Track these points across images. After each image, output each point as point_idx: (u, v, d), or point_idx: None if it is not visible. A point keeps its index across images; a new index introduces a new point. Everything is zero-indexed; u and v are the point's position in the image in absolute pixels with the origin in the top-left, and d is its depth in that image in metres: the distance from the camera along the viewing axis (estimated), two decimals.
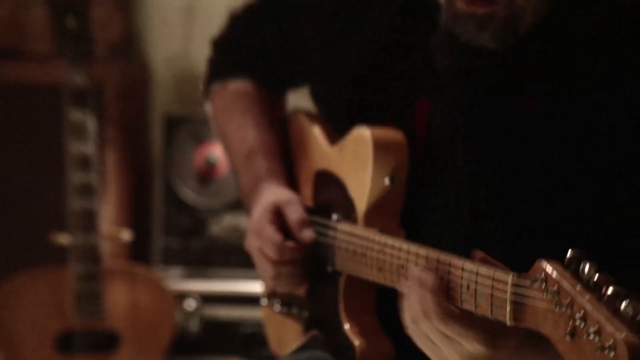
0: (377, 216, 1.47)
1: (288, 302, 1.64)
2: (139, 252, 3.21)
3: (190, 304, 3.04)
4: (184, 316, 3.02)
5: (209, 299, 3.05)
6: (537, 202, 1.37)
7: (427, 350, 1.30)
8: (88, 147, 2.80)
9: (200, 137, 3.12)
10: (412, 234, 1.44)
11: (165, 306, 2.90)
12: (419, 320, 1.27)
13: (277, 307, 1.64)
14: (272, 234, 1.55)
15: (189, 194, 3.16)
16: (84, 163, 2.79)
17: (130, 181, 3.22)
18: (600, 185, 1.35)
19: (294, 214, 1.56)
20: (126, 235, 3.05)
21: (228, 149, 1.74)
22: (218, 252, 3.10)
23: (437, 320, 1.24)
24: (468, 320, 1.23)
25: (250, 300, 2.97)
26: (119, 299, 2.86)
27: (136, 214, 3.24)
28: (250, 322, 2.94)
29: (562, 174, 1.37)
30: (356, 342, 1.46)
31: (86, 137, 2.80)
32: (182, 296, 3.02)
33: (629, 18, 1.39)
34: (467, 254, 1.27)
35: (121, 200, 3.18)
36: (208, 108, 1.78)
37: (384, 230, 1.44)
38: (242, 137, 1.69)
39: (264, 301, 1.68)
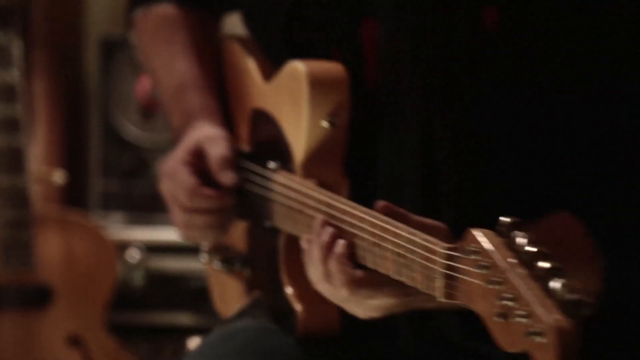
0: (316, 165, 1.41)
1: (229, 259, 1.59)
2: (74, 196, 3.14)
3: (133, 255, 2.99)
4: (126, 268, 2.97)
5: (154, 248, 3.01)
6: (496, 147, 1.34)
7: (334, 300, 1.31)
8: (12, 75, 2.72)
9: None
10: (359, 184, 1.40)
11: (104, 257, 2.83)
12: (323, 280, 1.28)
13: (217, 264, 1.59)
14: (186, 177, 1.49)
15: (130, 129, 3.11)
16: (8, 93, 2.72)
17: (62, 115, 3.17)
18: (565, 117, 1.33)
19: (216, 150, 1.50)
20: (59, 177, 2.94)
21: (157, 83, 1.70)
22: None
23: (342, 287, 1.25)
24: (375, 282, 1.24)
25: (200, 251, 2.89)
26: (52, 249, 2.78)
27: (70, 152, 3.18)
28: (199, 275, 2.85)
29: (523, 102, 1.33)
30: (298, 307, 1.42)
31: (9, 62, 2.72)
32: (123, 246, 2.97)
33: None
34: (418, 206, 1.29)
35: (52, 136, 3.13)
36: (133, 37, 1.75)
37: (325, 180, 1.39)
38: (171, 70, 1.64)
39: (204, 257, 1.63)
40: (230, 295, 1.66)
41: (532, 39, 1.33)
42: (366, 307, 1.27)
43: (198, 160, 1.51)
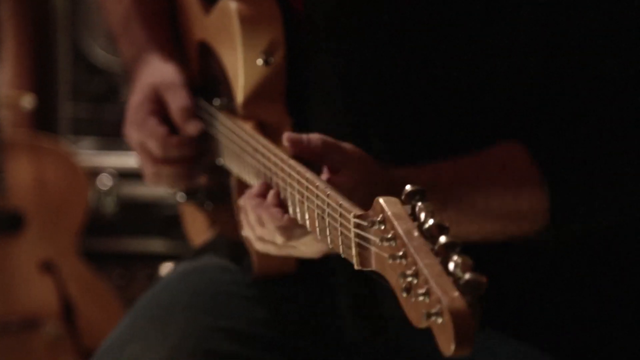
0: (256, 104, 1.38)
1: (192, 192, 1.57)
2: (43, 121, 3.12)
3: (105, 182, 2.99)
4: (98, 195, 2.98)
5: (125, 174, 2.99)
6: (424, 85, 1.32)
7: (283, 253, 1.28)
8: None
9: None
10: (302, 121, 1.37)
11: (75, 183, 2.83)
12: (258, 229, 1.25)
13: (181, 195, 1.58)
14: (155, 127, 1.47)
15: (99, 53, 3.09)
16: None
17: (30, 38, 3.12)
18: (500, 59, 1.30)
19: (176, 101, 1.47)
20: (28, 101, 2.93)
21: (107, 14, 1.66)
22: None
23: (276, 234, 1.22)
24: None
25: None
26: (22, 175, 2.78)
27: (39, 76, 3.15)
28: (172, 202, 2.82)
29: (459, 28, 1.31)
30: (253, 248, 1.37)
31: None
32: (95, 172, 2.97)
33: None
34: (348, 136, 1.25)
35: (20, 60, 3.09)
36: None
37: (265, 120, 1.37)
38: (118, 0, 1.62)
39: (168, 191, 1.63)
40: (199, 226, 1.65)
41: None
42: (311, 246, 1.25)
43: (161, 108, 1.49)
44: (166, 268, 2.94)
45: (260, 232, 1.24)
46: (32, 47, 3.12)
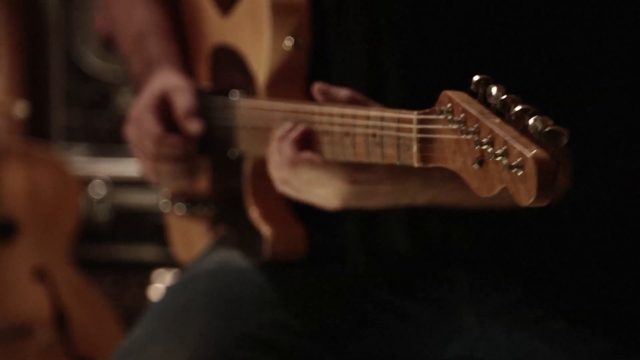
0: (280, 85, 1.45)
1: (191, 202, 1.63)
2: (36, 128, 3.14)
3: (98, 189, 3.02)
4: (90, 202, 3.00)
5: (118, 182, 3.02)
6: (441, 47, 1.39)
7: (300, 198, 1.35)
8: None
9: None
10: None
11: (68, 190, 2.85)
12: (281, 169, 1.32)
13: (181, 207, 1.63)
14: (152, 124, 1.53)
15: (92, 61, 3.11)
16: None
17: (22, 45, 3.12)
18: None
19: (182, 102, 1.53)
20: (20, 108, 2.96)
21: (118, 32, 1.71)
22: None
23: (288, 170, 1.29)
24: (322, 167, 1.29)
25: None
26: (14, 183, 2.80)
27: (31, 84, 3.15)
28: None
29: (466, 15, 1.37)
30: (265, 229, 1.45)
31: None
32: (87, 180, 2.99)
33: None
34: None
35: (13, 67, 3.09)
36: None
37: (289, 100, 1.42)
38: (131, 18, 1.67)
39: (165, 205, 1.67)
40: (193, 240, 1.69)
41: None
42: (325, 193, 1.31)
43: (164, 108, 1.54)
44: (159, 275, 2.98)
45: (278, 174, 1.31)
46: (25, 54, 3.12)
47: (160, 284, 2.95)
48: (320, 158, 1.29)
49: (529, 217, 1.39)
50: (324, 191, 1.31)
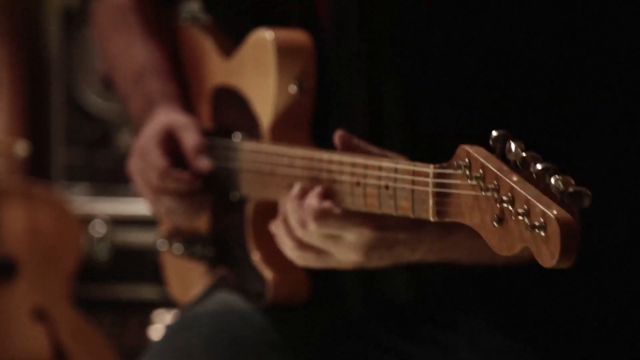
0: (284, 129, 1.45)
1: (189, 242, 1.62)
2: (37, 167, 3.14)
3: (98, 228, 3.02)
4: (91, 241, 3.00)
5: (119, 221, 3.02)
6: (443, 94, 1.39)
7: (317, 263, 1.34)
8: None
9: None
10: (325, 147, 1.41)
11: (68, 230, 2.86)
12: (297, 232, 1.30)
13: (178, 247, 1.62)
14: (157, 158, 1.54)
15: (93, 100, 3.11)
16: None
17: (24, 84, 3.14)
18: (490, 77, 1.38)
19: (190, 139, 1.54)
20: (22, 148, 2.96)
21: (115, 71, 1.72)
22: None
23: (314, 222, 1.27)
24: (347, 215, 1.28)
25: None
26: (15, 222, 2.81)
27: (33, 123, 3.17)
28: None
29: (468, 62, 1.39)
30: (267, 274, 1.45)
31: None
32: (88, 219, 2.99)
33: None
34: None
35: (14, 106, 3.11)
36: (89, 29, 1.76)
37: (293, 144, 1.42)
38: (129, 57, 1.67)
39: (162, 244, 1.66)
40: (190, 281, 1.68)
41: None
42: (346, 248, 1.29)
43: (169, 143, 1.54)
44: (159, 315, 2.97)
45: (300, 234, 1.30)
46: (26, 93, 3.13)
47: (160, 324, 2.94)
48: (341, 208, 1.27)
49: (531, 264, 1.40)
50: (345, 243, 1.30)
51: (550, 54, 1.37)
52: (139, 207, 2.97)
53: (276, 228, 1.35)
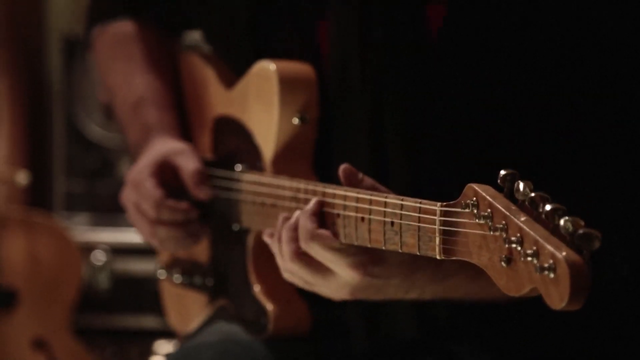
0: (286, 161, 1.45)
1: (189, 272, 1.61)
2: (37, 196, 3.16)
3: (99, 257, 3.01)
4: (91, 271, 3.00)
5: (119, 250, 3.02)
6: (444, 131, 1.39)
7: (308, 287, 1.34)
8: None
9: None
10: (326, 180, 1.41)
11: (69, 259, 2.86)
12: (289, 262, 1.30)
13: (178, 277, 1.62)
14: (152, 189, 1.53)
15: (94, 129, 3.12)
16: None
17: (25, 114, 3.16)
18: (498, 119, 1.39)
19: (189, 165, 1.54)
20: (22, 177, 2.97)
21: (114, 100, 1.71)
22: None
23: (305, 244, 1.27)
24: (335, 250, 1.27)
25: None
26: (15, 251, 2.82)
27: (33, 152, 3.18)
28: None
29: (470, 98, 1.39)
30: (269, 306, 1.45)
31: None
32: (88, 248, 2.99)
33: None
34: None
35: (15, 136, 3.12)
36: (90, 57, 1.77)
37: (294, 177, 1.41)
38: (129, 87, 1.68)
39: (161, 273, 1.66)
40: (189, 311, 1.68)
41: (477, 38, 1.38)
42: (334, 285, 1.29)
43: (163, 173, 1.53)
44: (160, 346, 2.96)
45: (289, 266, 1.30)
46: (27, 122, 3.15)
47: (161, 355, 2.93)
48: (337, 240, 1.27)
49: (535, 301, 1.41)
50: (334, 279, 1.30)
51: (552, 95, 1.37)
52: (138, 236, 2.94)
53: (272, 243, 1.35)
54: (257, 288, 1.46)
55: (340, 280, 1.30)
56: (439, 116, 1.39)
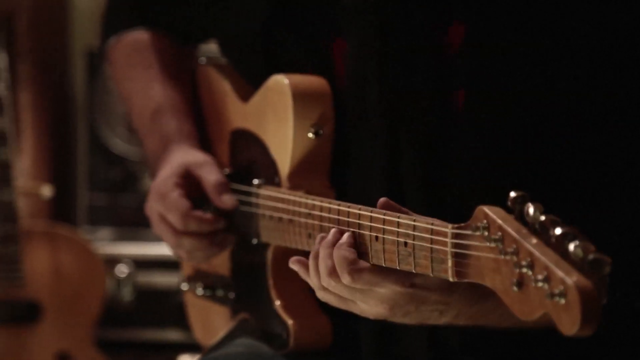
0: (302, 176, 1.45)
1: (212, 285, 1.62)
2: (61, 210, 3.17)
3: (122, 270, 3.02)
4: (115, 283, 3.00)
5: (142, 263, 3.02)
6: (461, 148, 1.39)
7: (340, 306, 1.32)
8: None
9: None
10: (343, 194, 1.43)
11: (93, 272, 2.87)
12: (326, 279, 1.29)
13: (200, 290, 1.62)
14: (178, 200, 1.53)
15: (117, 143, 3.13)
16: None
17: (49, 128, 3.16)
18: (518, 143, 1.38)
19: (211, 176, 1.54)
20: (46, 191, 2.98)
21: (132, 109, 1.72)
22: None
23: (349, 277, 1.26)
24: (379, 272, 1.26)
25: None
26: (39, 264, 2.81)
27: (57, 166, 3.19)
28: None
29: (486, 119, 1.38)
30: (289, 320, 1.45)
31: None
32: (112, 261, 2.99)
33: None
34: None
35: (39, 150, 3.13)
36: (107, 68, 1.76)
37: (311, 192, 1.42)
38: (147, 95, 1.68)
39: (184, 285, 1.66)
40: (213, 323, 1.68)
41: (497, 57, 1.37)
42: (373, 300, 1.28)
43: (188, 183, 1.54)
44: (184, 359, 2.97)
45: (326, 283, 1.28)
46: (50, 136, 3.15)
47: None
48: (369, 265, 1.26)
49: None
50: (373, 294, 1.28)
51: (571, 113, 1.37)
52: (162, 249, 2.90)
53: (299, 266, 1.34)
54: (277, 302, 1.47)
55: (380, 295, 1.28)
56: (457, 134, 1.38)
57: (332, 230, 1.30)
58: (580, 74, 1.36)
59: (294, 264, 1.34)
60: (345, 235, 1.28)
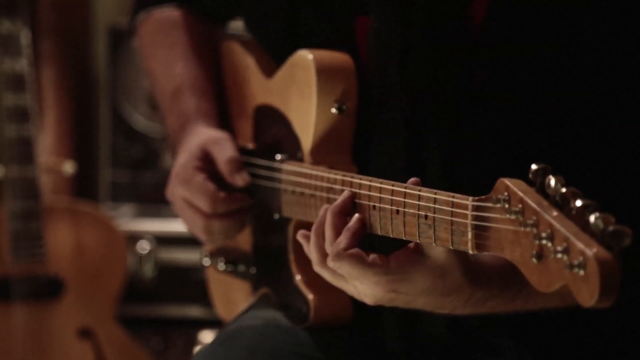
0: (325, 152, 1.46)
1: (233, 260, 1.63)
2: (83, 187, 3.18)
3: (144, 246, 3.03)
4: (136, 260, 3.01)
5: (164, 240, 3.03)
6: (483, 124, 1.40)
7: (334, 283, 1.34)
8: (21, 64, 2.75)
9: None
10: (365, 170, 1.43)
11: (115, 249, 2.88)
12: (327, 248, 1.30)
13: (222, 265, 1.63)
14: (203, 183, 1.54)
15: (139, 120, 3.13)
16: (17, 83, 2.75)
17: (71, 105, 3.17)
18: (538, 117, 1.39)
19: (223, 153, 1.56)
20: (69, 167, 2.99)
21: (155, 86, 1.73)
22: None
23: (338, 260, 1.27)
24: (360, 266, 1.26)
25: None
26: (62, 241, 2.83)
27: (79, 143, 3.20)
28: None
29: (508, 96, 1.39)
30: (309, 295, 1.46)
31: (18, 52, 2.75)
32: (134, 237, 3.00)
33: None
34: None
35: (62, 127, 3.14)
36: (135, 42, 1.78)
37: (334, 167, 1.42)
38: (170, 73, 1.70)
39: (206, 261, 1.67)
40: (234, 299, 1.71)
41: (519, 33, 1.39)
42: (367, 287, 1.29)
43: (208, 165, 1.55)
44: (205, 336, 3.01)
45: (329, 252, 1.30)
46: (72, 113, 3.16)
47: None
48: (365, 256, 1.27)
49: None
50: (360, 286, 1.30)
51: (592, 92, 1.38)
52: (183, 226, 2.97)
53: (303, 238, 1.36)
54: (297, 277, 1.49)
55: (366, 290, 1.30)
56: (478, 110, 1.40)
57: (342, 196, 1.31)
58: (597, 57, 1.38)
59: (300, 237, 1.36)
60: (355, 219, 1.29)
